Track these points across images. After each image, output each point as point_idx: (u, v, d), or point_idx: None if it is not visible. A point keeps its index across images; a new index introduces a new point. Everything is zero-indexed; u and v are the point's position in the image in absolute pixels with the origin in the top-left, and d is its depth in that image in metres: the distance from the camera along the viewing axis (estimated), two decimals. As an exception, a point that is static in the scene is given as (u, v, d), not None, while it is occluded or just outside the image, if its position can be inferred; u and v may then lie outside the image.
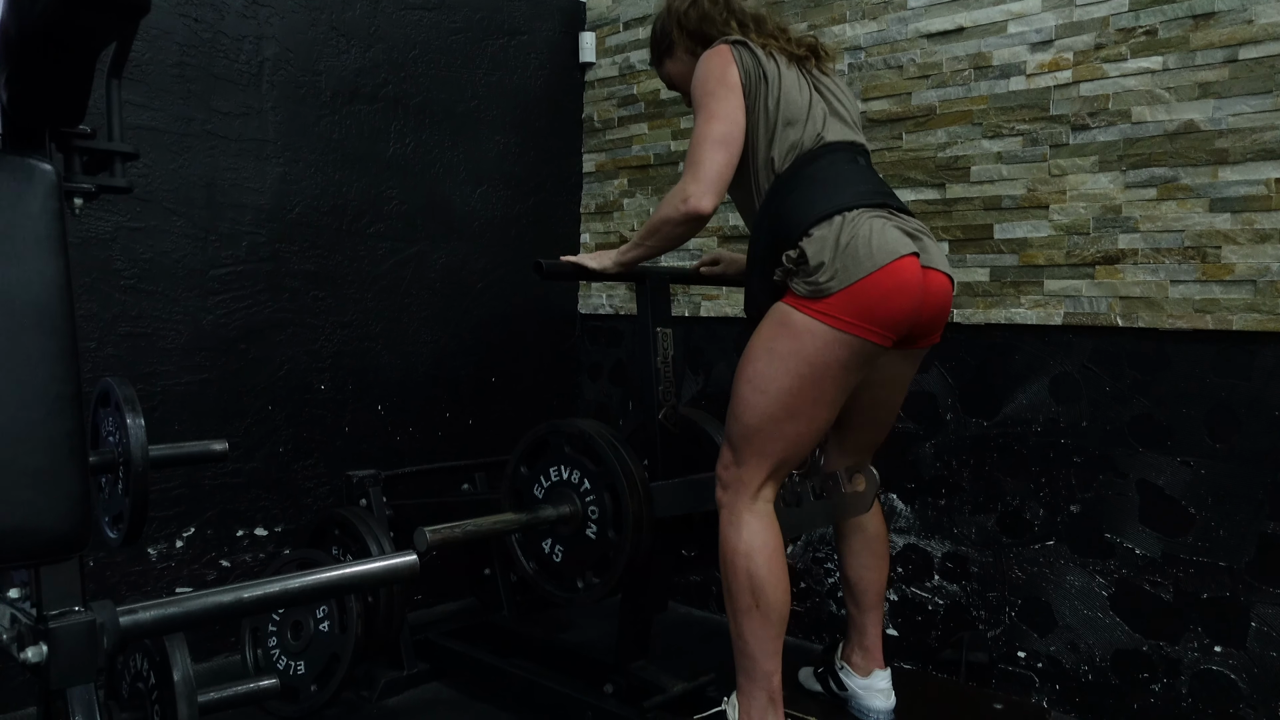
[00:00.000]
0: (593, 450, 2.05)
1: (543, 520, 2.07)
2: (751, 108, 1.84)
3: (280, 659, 2.27)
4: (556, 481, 2.11)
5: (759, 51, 1.86)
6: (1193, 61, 2.10)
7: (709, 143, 1.81)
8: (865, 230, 1.71)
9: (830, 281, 1.69)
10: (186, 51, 2.38)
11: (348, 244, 2.73)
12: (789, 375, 1.73)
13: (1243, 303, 2.05)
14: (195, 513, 2.43)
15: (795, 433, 1.78)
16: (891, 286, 1.69)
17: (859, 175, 1.83)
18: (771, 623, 1.79)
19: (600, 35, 3.32)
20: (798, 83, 1.87)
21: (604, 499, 2.03)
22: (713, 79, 1.85)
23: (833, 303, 1.69)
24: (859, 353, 1.72)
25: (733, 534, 1.81)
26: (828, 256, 1.70)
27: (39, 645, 1.02)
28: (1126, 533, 2.22)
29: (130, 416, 1.59)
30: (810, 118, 1.85)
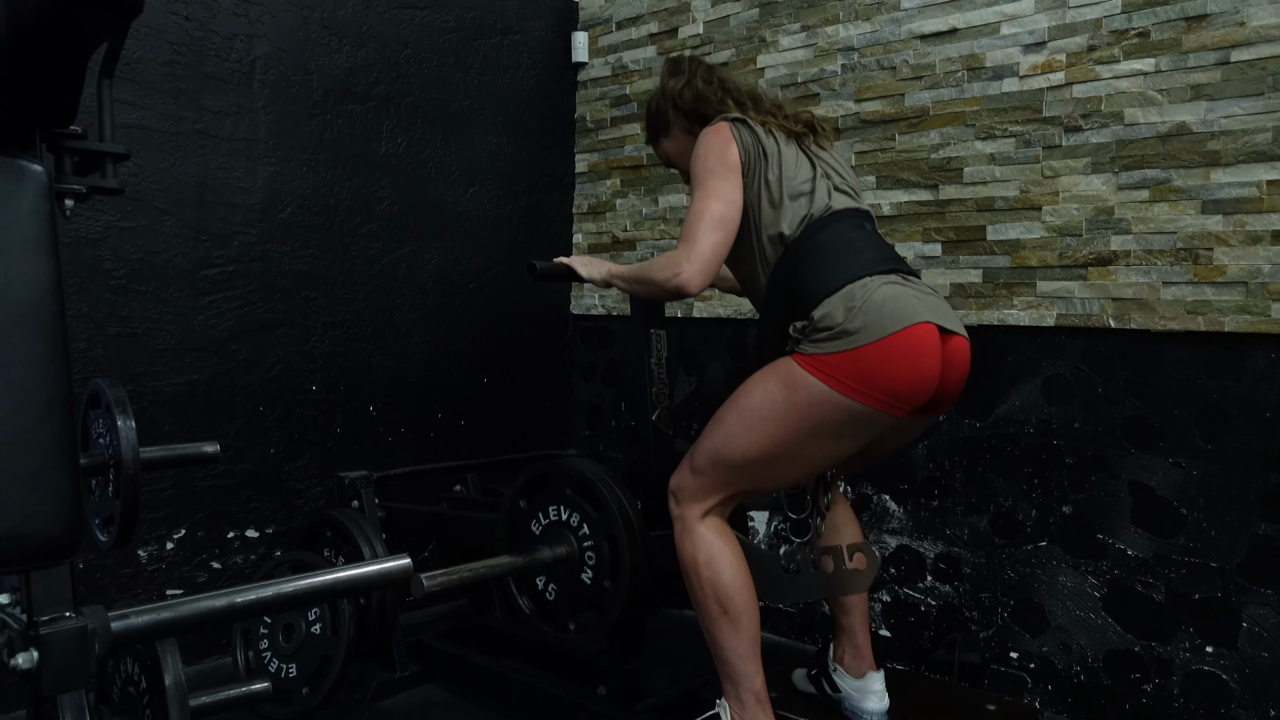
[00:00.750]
0: (594, 496, 2.04)
1: (538, 563, 2.07)
2: (750, 184, 1.84)
3: (272, 661, 2.26)
4: (555, 521, 2.11)
5: (758, 129, 1.86)
6: (1185, 63, 2.11)
7: (707, 222, 1.80)
8: (878, 296, 1.69)
9: (834, 342, 1.67)
10: (177, 50, 2.36)
11: (339, 244, 2.71)
12: (777, 425, 1.72)
13: (1234, 304, 2.06)
14: (186, 514, 2.42)
15: (767, 476, 1.80)
16: (904, 354, 1.66)
17: (867, 242, 1.82)
18: (743, 627, 1.81)
19: (593, 35, 3.32)
20: (797, 158, 1.87)
21: (602, 547, 2.03)
22: (713, 156, 1.84)
23: (836, 363, 1.66)
24: (859, 418, 1.68)
25: (688, 544, 1.84)
26: (838, 319, 1.68)
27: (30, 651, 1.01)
28: (1118, 534, 2.23)
29: (121, 418, 1.58)
30: (815, 191, 1.84)
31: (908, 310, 1.68)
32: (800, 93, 2.74)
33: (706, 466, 1.82)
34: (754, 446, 1.75)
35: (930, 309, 1.72)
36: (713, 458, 1.81)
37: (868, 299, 1.68)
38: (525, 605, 2.17)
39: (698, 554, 1.82)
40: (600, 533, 2.03)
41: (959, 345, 1.78)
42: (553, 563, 2.07)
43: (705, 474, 1.82)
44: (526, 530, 2.16)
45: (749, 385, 1.79)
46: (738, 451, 1.77)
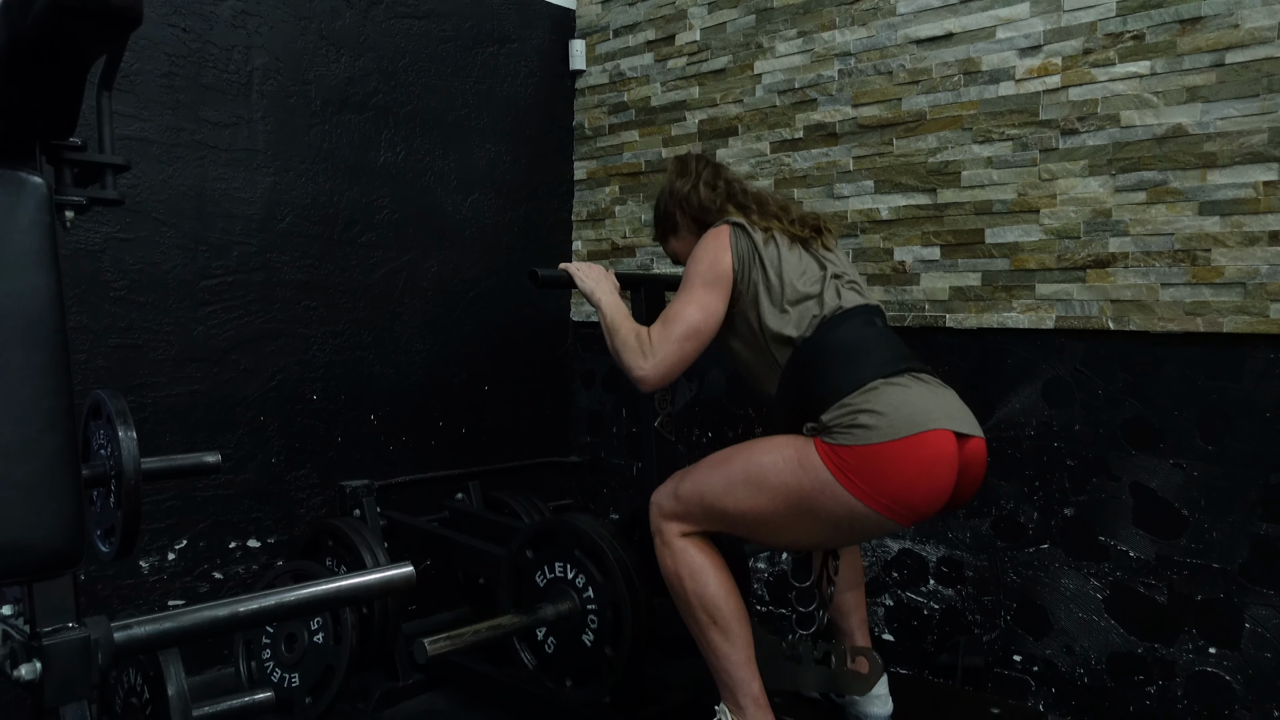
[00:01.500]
0: (601, 560, 2.04)
1: (541, 620, 2.07)
2: (744, 291, 1.86)
3: (275, 671, 2.26)
4: (560, 577, 2.11)
5: (757, 236, 1.87)
6: (1180, 66, 2.11)
7: (681, 329, 1.84)
8: (894, 398, 1.69)
9: (849, 434, 1.66)
10: (175, 62, 2.37)
11: (339, 253, 2.72)
12: (775, 496, 1.73)
13: (1233, 305, 2.06)
14: (188, 525, 2.42)
15: (749, 533, 1.82)
16: (917, 461, 1.65)
17: (880, 341, 1.82)
18: (734, 634, 1.82)
19: (590, 43, 3.33)
20: (802, 261, 1.88)
21: (606, 614, 2.03)
22: (705, 263, 1.87)
23: (849, 457, 1.66)
24: (860, 518, 1.68)
25: (668, 557, 1.86)
26: (853, 417, 1.68)
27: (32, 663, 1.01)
28: (1120, 535, 2.23)
29: (122, 429, 1.58)
30: (824, 291, 1.84)
31: (924, 413, 1.67)
32: (797, 98, 2.75)
33: (692, 502, 1.83)
34: (748, 506, 1.76)
35: (947, 412, 1.72)
36: (702, 500, 1.82)
37: (884, 399, 1.68)
38: (526, 658, 2.17)
39: (679, 568, 1.84)
40: (605, 599, 2.03)
41: (976, 448, 1.76)
42: (555, 621, 2.08)
43: (688, 506, 1.84)
44: (530, 580, 2.16)
45: (764, 445, 1.79)
46: (729, 504, 1.78)
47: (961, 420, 1.74)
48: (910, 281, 2.53)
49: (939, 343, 2.50)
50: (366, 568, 2.27)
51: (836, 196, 2.67)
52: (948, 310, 2.46)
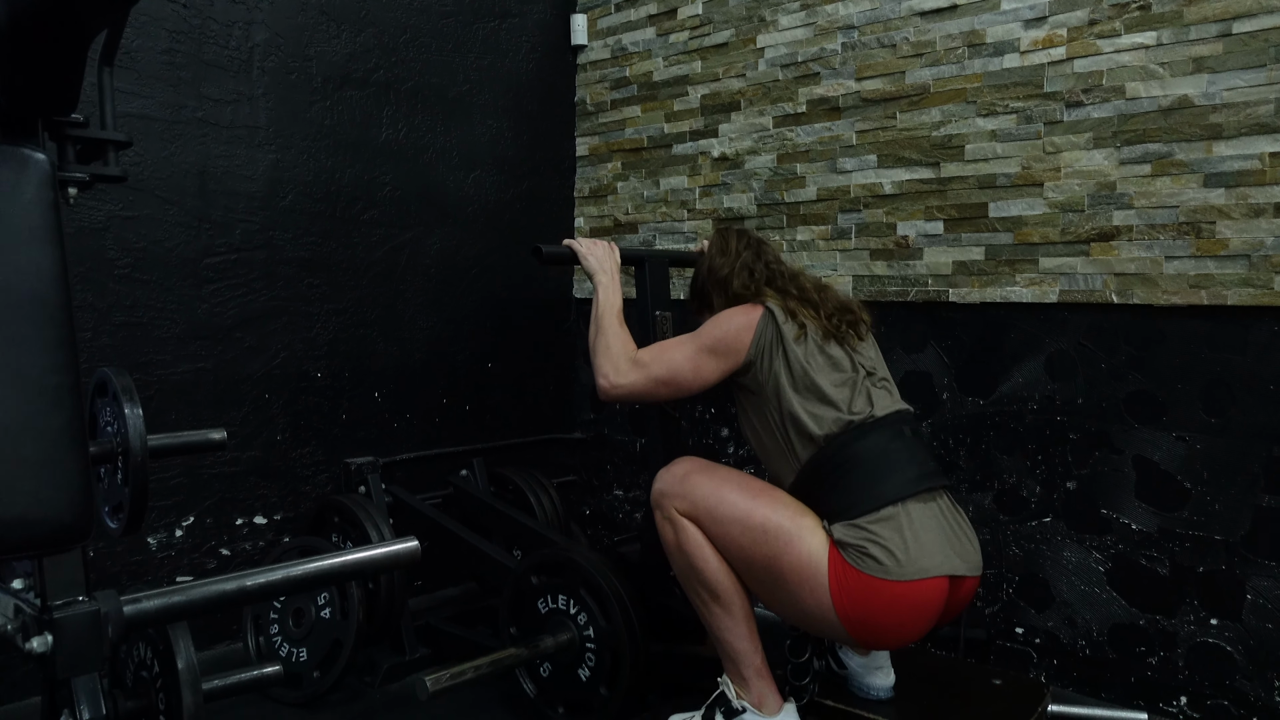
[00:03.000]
0: (604, 605, 2.06)
1: (541, 653, 2.09)
2: (764, 380, 1.86)
3: (282, 646, 2.28)
4: (563, 610, 2.13)
5: (787, 330, 1.86)
6: (1186, 36, 2.10)
7: (665, 371, 1.89)
8: (908, 532, 1.71)
9: (859, 560, 1.69)
10: (175, 38, 2.36)
11: (341, 231, 2.72)
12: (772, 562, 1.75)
13: (1237, 278, 2.05)
14: (194, 502, 2.43)
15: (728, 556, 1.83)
16: (908, 608, 1.70)
17: (906, 454, 1.81)
18: (734, 608, 1.84)
19: (592, 17, 3.30)
20: (832, 359, 1.87)
21: (604, 656, 2.05)
22: (723, 331, 1.89)
23: (853, 580, 1.69)
24: (829, 624, 1.73)
25: (669, 530, 1.88)
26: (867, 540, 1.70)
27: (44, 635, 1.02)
28: (1123, 508, 2.24)
29: (128, 406, 1.59)
30: (855, 394, 1.83)
31: (931, 556, 1.71)
32: (800, 72, 2.73)
33: (699, 509, 1.84)
34: (742, 546, 1.79)
35: (956, 550, 1.75)
36: (710, 513, 1.83)
37: (898, 533, 1.70)
38: (527, 687, 2.18)
39: (680, 542, 1.86)
40: (605, 642, 2.06)
41: (967, 588, 1.81)
42: (554, 652, 2.10)
43: (694, 508, 1.85)
44: (532, 605, 2.18)
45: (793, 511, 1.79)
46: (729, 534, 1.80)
47: (965, 560, 1.77)
48: (913, 256, 2.53)
49: (942, 317, 2.49)
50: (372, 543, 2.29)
51: (839, 171, 2.66)
52: (951, 285, 2.46)
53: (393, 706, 2.26)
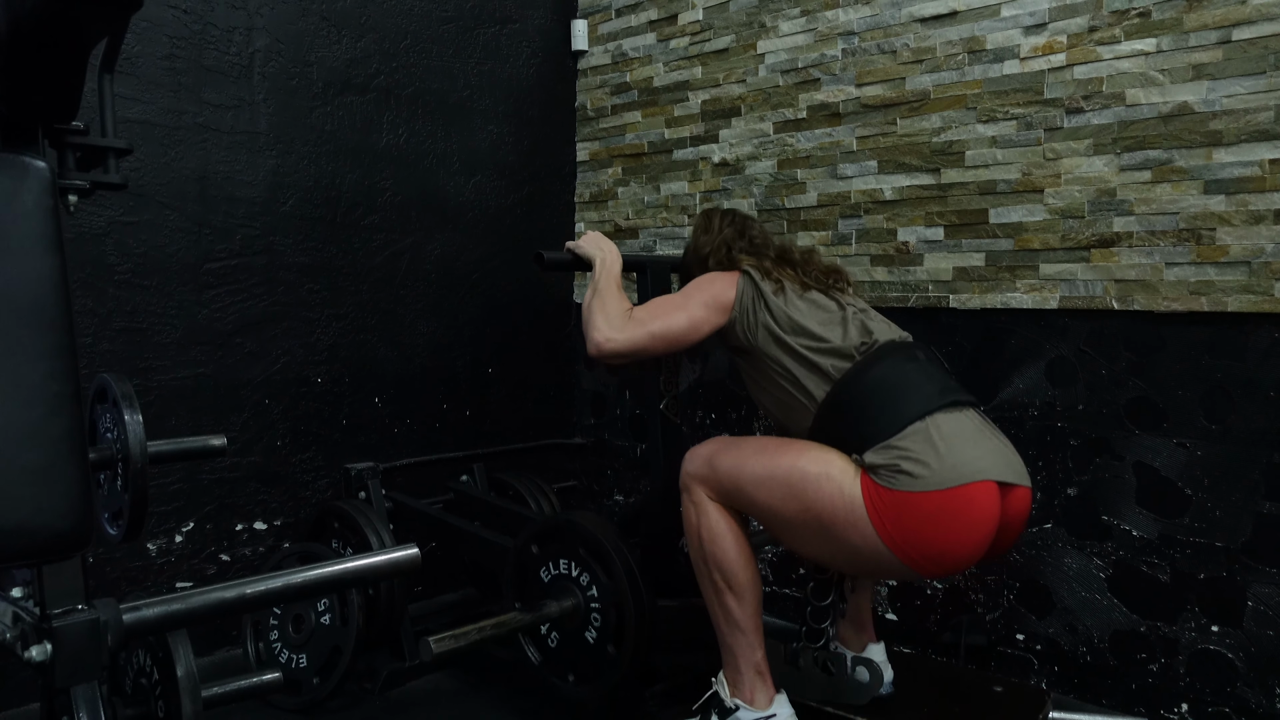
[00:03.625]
0: (606, 562, 2.05)
1: (545, 618, 2.08)
2: (752, 336, 1.87)
3: (282, 652, 2.28)
4: (565, 574, 2.12)
5: (765, 286, 1.88)
6: (1186, 43, 2.10)
7: (661, 325, 1.88)
8: (940, 442, 1.65)
9: (895, 480, 1.63)
10: (176, 44, 2.36)
11: (342, 236, 2.72)
12: (808, 513, 1.71)
13: (1237, 284, 2.05)
14: (194, 507, 2.43)
15: (771, 527, 1.81)
16: (957, 518, 1.62)
17: (921, 373, 1.78)
18: (745, 600, 1.83)
19: (592, 22, 3.31)
20: (814, 305, 1.89)
21: (609, 613, 2.04)
22: (709, 289, 1.91)
23: (892, 501, 1.63)
24: (884, 561, 1.66)
25: (694, 515, 1.86)
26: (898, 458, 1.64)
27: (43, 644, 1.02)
28: (1123, 515, 2.23)
29: (128, 413, 1.59)
30: (849, 327, 1.84)
31: (970, 462, 1.64)
32: (800, 78, 2.74)
33: (725, 480, 1.82)
34: (777, 507, 1.75)
35: (994, 460, 1.68)
36: (735, 481, 1.80)
37: (930, 443, 1.64)
38: (530, 653, 2.18)
39: (701, 528, 1.84)
40: (609, 599, 2.04)
41: (1020, 499, 1.73)
42: (559, 617, 2.09)
43: (719, 483, 1.83)
44: (535, 576, 2.17)
45: (814, 455, 1.75)
46: (760, 497, 1.77)
47: (1008, 468, 1.70)
48: (914, 262, 2.53)
49: (942, 323, 2.49)
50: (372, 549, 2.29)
51: (840, 177, 2.66)
52: (951, 291, 2.46)
53: (393, 712, 2.26)
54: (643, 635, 2.01)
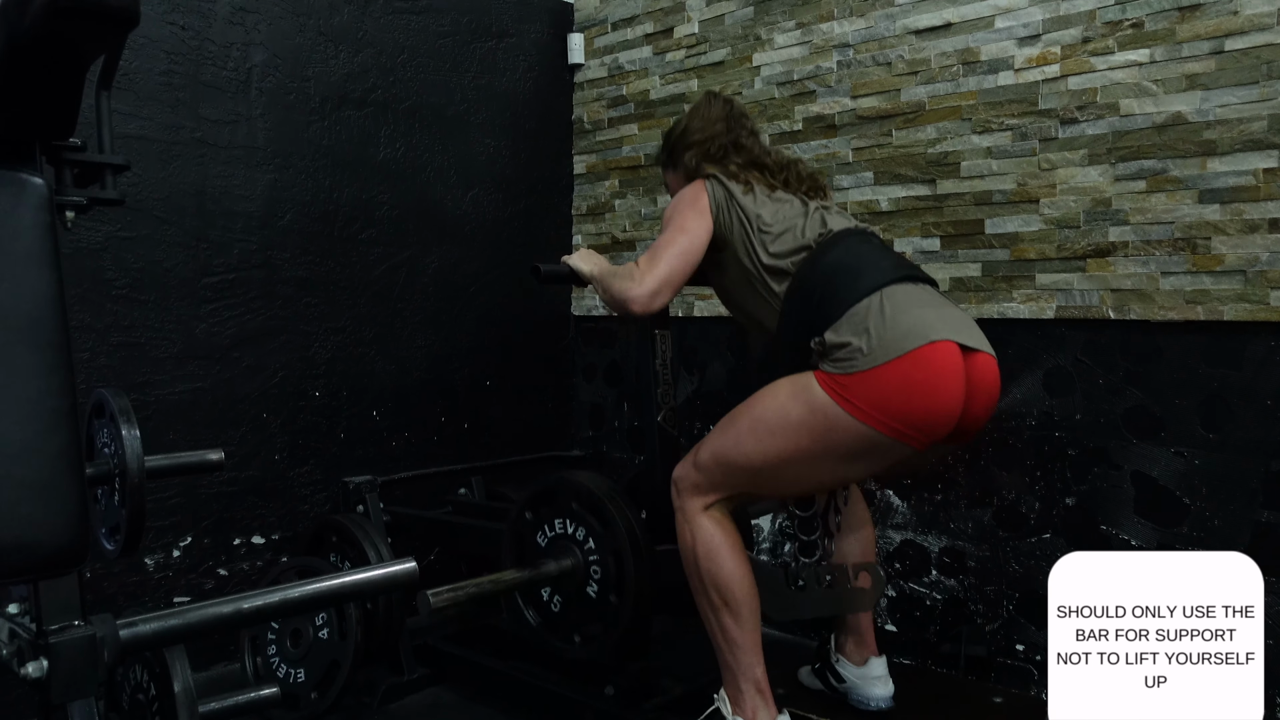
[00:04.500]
0: (601, 512, 2.05)
1: (544, 577, 2.08)
2: (727, 235, 1.88)
3: (280, 667, 2.27)
4: (561, 534, 2.12)
5: (734, 187, 1.90)
6: (1179, 54, 2.11)
7: (671, 250, 1.86)
8: (890, 309, 1.66)
9: (851, 361, 1.64)
10: (174, 59, 2.37)
11: (339, 250, 2.72)
12: (788, 441, 1.71)
13: (1233, 293, 2.06)
14: (192, 522, 2.43)
15: (771, 486, 1.81)
16: (923, 377, 1.62)
17: (876, 253, 1.82)
18: (743, 617, 1.81)
19: (589, 36, 3.32)
20: (780, 203, 1.90)
21: (608, 563, 2.04)
22: (684, 202, 1.92)
23: (854, 384, 1.63)
24: (874, 445, 1.65)
25: (688, 534, 1.85)
26: (853, 338, 1.65)
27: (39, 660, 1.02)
28: (1122, 524, 2.23)
29: (126, 428, 1.59)
30: (809, 219, 1.87)
31: (923, 325, 1.64)
32: (796, 90, 2.75)
33: (710, 465, 1.82)
34: (762, 457, 1.75)
35: (948, 323, 1.68)
36: (718, 459, 1.81)
37: (881, 313, 1.65)
38: (531, 617, 2.18)
39: (697, 545, 1.83)
40: (606, 548, 2.04)
41: (984, 364, 1.73)
42: (558, 576, 2.08)
43: (708, 472, 1.83)
44: (532, 542, 2.17)
45: (769, 394, 1.77)
46: (744, 459, 1.77)
47: (966, 332, 1.71)
48: (910, 272, 2.53)
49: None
50: (370, 563, 2.28)
51: (836, 188, 2.66)
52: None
53: (391, 727, 2.25)
54: (644, 580, 1.99)
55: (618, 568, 2.03)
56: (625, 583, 2.01)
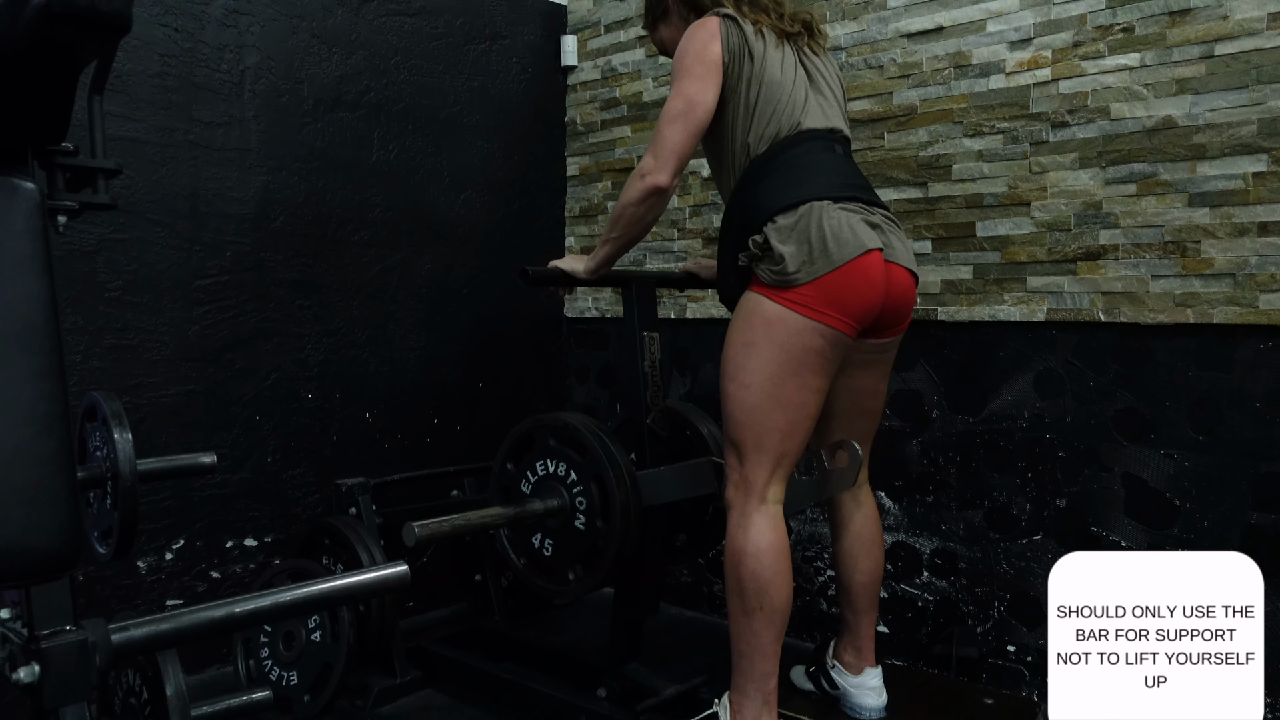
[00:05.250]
0: (578, 442, 2.04)
1: (530, 514, 2.06)
2: (733, 88, 1.84)
3: (273, 670, 2.27)
4: (543, 476, 2.10)
5: (748, 28, 1.85)
6: (1169, 58, 2.12)
7: (670, 118, 1.84)
8: (833, 223, 1.73)
9: (797, 273, 1.72)
10: (167, 61, 2.37)
11: (332, 252, 2.72)
12: (769, 364, 1.76)
13: (1223, 296, 2.07)
14: (184, 524, 2.42)
15: (787, 420, 1.78)
16: (858, 280, 1.73)
17: (832, 165, 1.84)
18: (774, 624, 1.79)
19: (582, 38, 3.33)
20: (782, 63, 1.86)
21: (591, 489, 2.02)
22: (691, 55, 1.84)
23: (802, 293, 1.72)
24: (832, 340, 1.75)
25: (739, 534, 1.80)
26: (793, 248, 1.72)
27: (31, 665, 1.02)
28: (1112, 526, 2.24)
29: (118, 431, 1.59)
30: (791, 101, 1.84)
31: (861, 237, 1.74)
32: (789, 93, 2.75)
33: (737, 438, 1.82)
34: (761, 394, 1.77)
35: (879, 238, 1.78)
36: (737, 428, 1.82)
37: (823, 226, 1.72)
38: (522, 564, 2.16)
39: (746, 544, 1.78)
40: (587, 475, 2.02)
41: (899, 275, 1.83)
42: (545, 514, 2.06)
43: (740, 445, 1.82)
44: (517, 491, 2.14)
45: (730, 346, 1.83)
46: (753, 406, 1.78)
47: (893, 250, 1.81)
48: (903, 275, 2.54)
49: (931, 336, 2.51)
50: (363, 566, 2.28)
51: (829, 191, 2.67)
52: (939, 303, 2.47)
53: (384, 730, 2.25)
54: (628, 497, 1.98)
55: (602, 492, 2.00)
56: (611, 506, 1.98)
